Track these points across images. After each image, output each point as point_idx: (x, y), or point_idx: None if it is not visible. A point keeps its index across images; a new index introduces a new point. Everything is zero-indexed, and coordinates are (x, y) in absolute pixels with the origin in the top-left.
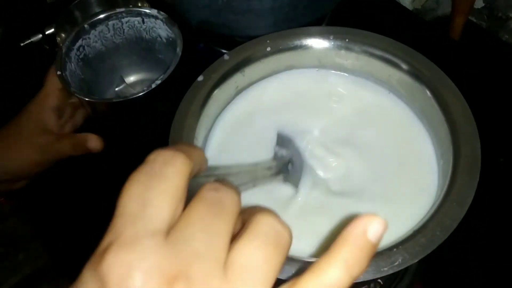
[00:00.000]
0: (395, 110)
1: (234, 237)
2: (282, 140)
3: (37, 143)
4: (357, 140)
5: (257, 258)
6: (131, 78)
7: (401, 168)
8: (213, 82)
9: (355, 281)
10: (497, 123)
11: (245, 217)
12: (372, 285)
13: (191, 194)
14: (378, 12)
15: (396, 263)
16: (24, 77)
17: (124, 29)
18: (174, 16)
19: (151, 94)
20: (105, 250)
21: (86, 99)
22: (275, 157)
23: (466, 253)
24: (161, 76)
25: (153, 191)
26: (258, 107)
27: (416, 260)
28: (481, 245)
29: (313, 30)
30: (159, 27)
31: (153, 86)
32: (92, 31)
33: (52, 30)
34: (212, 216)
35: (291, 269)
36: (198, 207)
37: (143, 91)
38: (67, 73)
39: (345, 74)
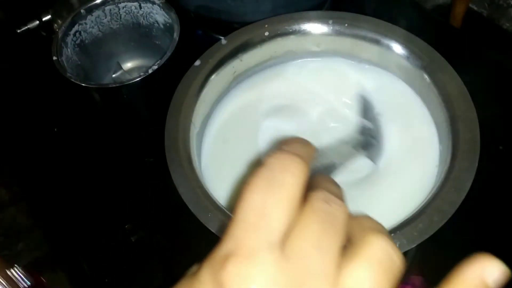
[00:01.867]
0: (396, 96)
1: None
2: (366, 107)
3: None
4: (358, 125)
5: (369, 285)
6: (128, 65)
7: (402, 153)
8: (210, 67)
9: None
10: (497, 112)
11: (353, 228)
12: None
13: None
14: None
15: None
16: (21, 64)
17: (121, 15)
18: (172, 2)
19: (148, 80)
20: (226, 258)
21: (83, 84)
22: (361, 130)
23: (464, 240)
24: (158, 62)
25: (272, 200)
26: (259, 95)
27: (414, 245)
28: (480, 232)
29: (312, 14)
30: (156, 13)
31: (150, 71)
32: (89, 16)
33: (49, 16)
34: (325, 231)
35: None
36: (312, 221)
37: (140, 76)
38: (63, 58)
39: (344, 59)
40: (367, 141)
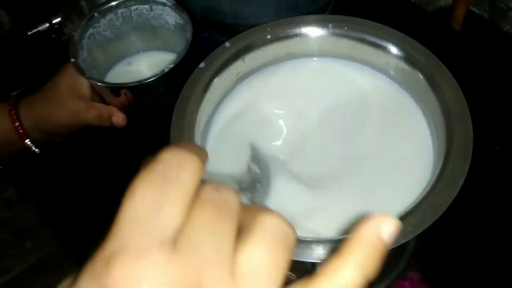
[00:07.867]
0: (394, 96)
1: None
2: (257, 156)
3: (72, 108)
4: (356, 124)
5: (265, 260)
6: (139, 65)
7: (397, 151)
8: (214, 68)
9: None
10: (497, 112)
11: (245, 216)
12: None
13: None
14: (380, 2)
15: None
16: (32, 64)
17: (132, 17)
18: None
19: (162, 79)
20: (110, 259)
21: (102, 84)
22: (248, 171)
23: (461, 237)
24: (173, 61)
25: (166, 197)
26: (260, 95)
27: (407, 240)
28: (476, 230)
29: (313, 18)
30: (167, 14)
31: (166, 70)
32: (102, 20)
33: (59, 19)
34: (218, 218)
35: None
36: (204, 210)
37: (156, 75)
38: (80, 61)
39: (344, 61)
40: (253, 185)
